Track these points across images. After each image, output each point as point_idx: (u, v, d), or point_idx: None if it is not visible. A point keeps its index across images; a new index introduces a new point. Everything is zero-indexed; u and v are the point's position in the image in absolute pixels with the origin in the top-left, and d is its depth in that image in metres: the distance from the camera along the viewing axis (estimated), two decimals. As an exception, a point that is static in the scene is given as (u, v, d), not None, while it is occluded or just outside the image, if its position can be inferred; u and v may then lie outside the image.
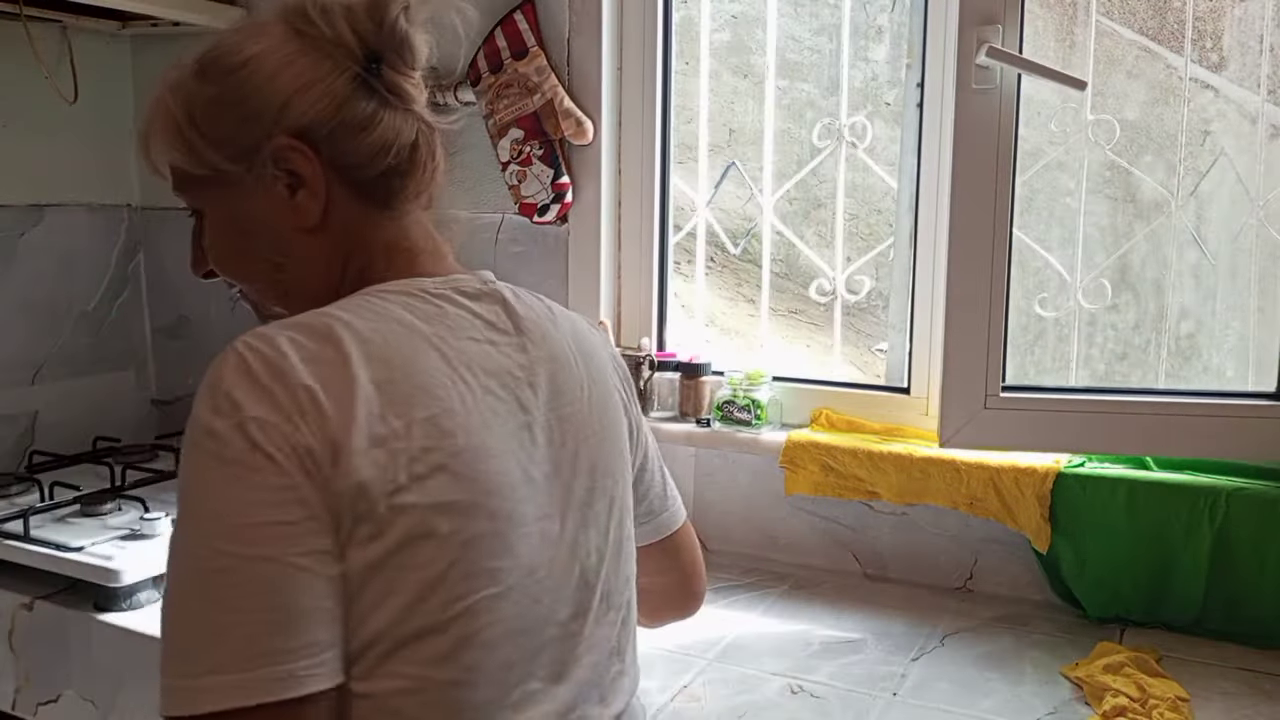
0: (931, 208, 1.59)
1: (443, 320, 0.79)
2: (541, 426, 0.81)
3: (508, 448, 0.77)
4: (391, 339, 0.74)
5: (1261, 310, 1.52)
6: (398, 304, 0.78)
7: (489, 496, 0.74)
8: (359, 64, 0.80)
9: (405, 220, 0.85)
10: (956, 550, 1.55)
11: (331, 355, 0.71)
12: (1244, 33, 1.51)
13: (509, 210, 1.79)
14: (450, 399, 0.74)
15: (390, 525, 0.69)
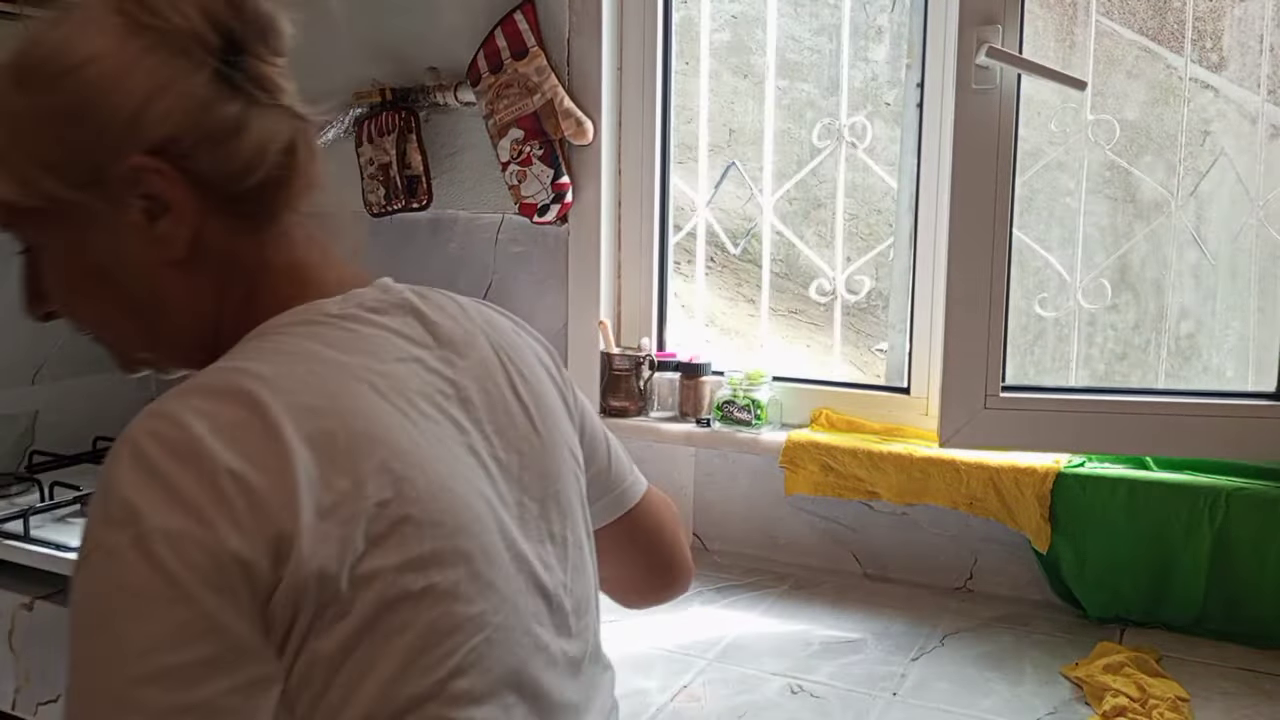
0: (931, 208, 1.59)
1: (360, 346, 0.68)
2: (483, 444, 0.72)
3: (461, 476, 0.68)
4: (313, 383, 0.64)
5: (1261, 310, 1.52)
6: (305, 338, 0.67)
7: (458, 537, 0.65)
8: (217, 57, 0.67)
9: (289, 234, 0.73)
10: (956, 550, 1.55)
11: (251, 420, 0.60)
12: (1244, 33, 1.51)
13: (509, 210, 1.79)
14: (395, 438, 0.64)
15: (358, 599, 0.60)
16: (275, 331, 0.68)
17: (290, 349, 0.66)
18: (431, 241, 1.87)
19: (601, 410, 1.76)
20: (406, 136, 1.79)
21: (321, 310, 0.70)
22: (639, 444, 1.74)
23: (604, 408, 1.76)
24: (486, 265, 1.83)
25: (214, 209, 0.69)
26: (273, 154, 0.69)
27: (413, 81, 1.80)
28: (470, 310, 0.80)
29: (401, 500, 0.62)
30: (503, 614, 0.67)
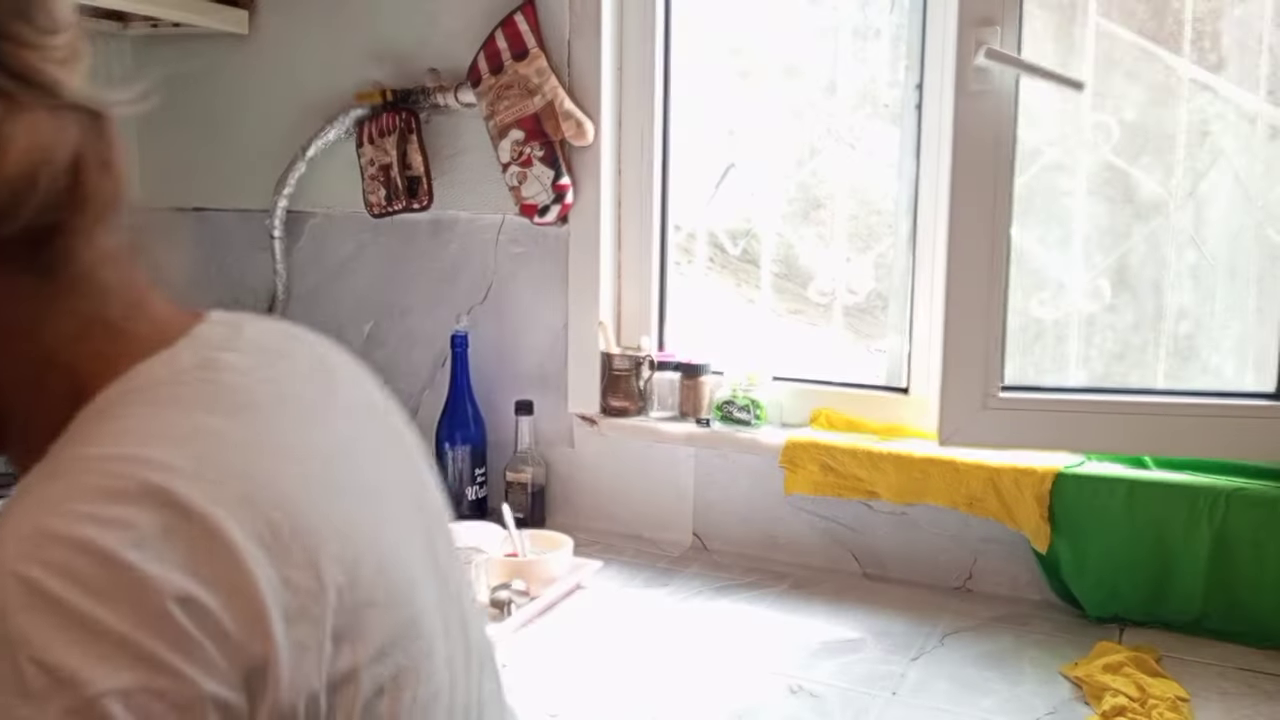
0: (931, 208, 1.59)
1: (236, 400, 0.54)
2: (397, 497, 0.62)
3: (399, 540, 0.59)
4: (224, 463, 0.50)
5: (1260, 310, 1.53)
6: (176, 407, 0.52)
7: (406, 607, 0.56)
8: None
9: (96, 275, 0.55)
10: (956, 550, 1.55)
11: (178, 524, 0.46)
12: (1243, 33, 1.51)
13: (509, 211, 1.79)
14: (331, 511, 0.53)
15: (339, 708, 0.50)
16: (131, 402, 0.52)
17: (169, 424, 0.51)
18: (432, 242, 1.87)
19: (601, 410, 1.77)
20: (407, 137, 1.79)
21: (175, 366, 0.54)
22: (639, 444, 1.74)
23: (604, 408, 1.76)
24: (487, 266, 1.83)
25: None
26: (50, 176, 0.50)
27: (413, 83, 1.81)
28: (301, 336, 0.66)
29: (357, 585, 0.52)
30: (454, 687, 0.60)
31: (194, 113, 2.04)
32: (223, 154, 2.03)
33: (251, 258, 2.01)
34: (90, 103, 0.54)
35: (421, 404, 1.87)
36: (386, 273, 1.91)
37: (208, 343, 0.57)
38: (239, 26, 1.93)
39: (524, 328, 1.82)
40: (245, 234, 2.01)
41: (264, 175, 1.94)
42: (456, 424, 1.77)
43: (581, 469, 1.80)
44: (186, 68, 2.03)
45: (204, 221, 2.06)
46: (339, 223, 1.94)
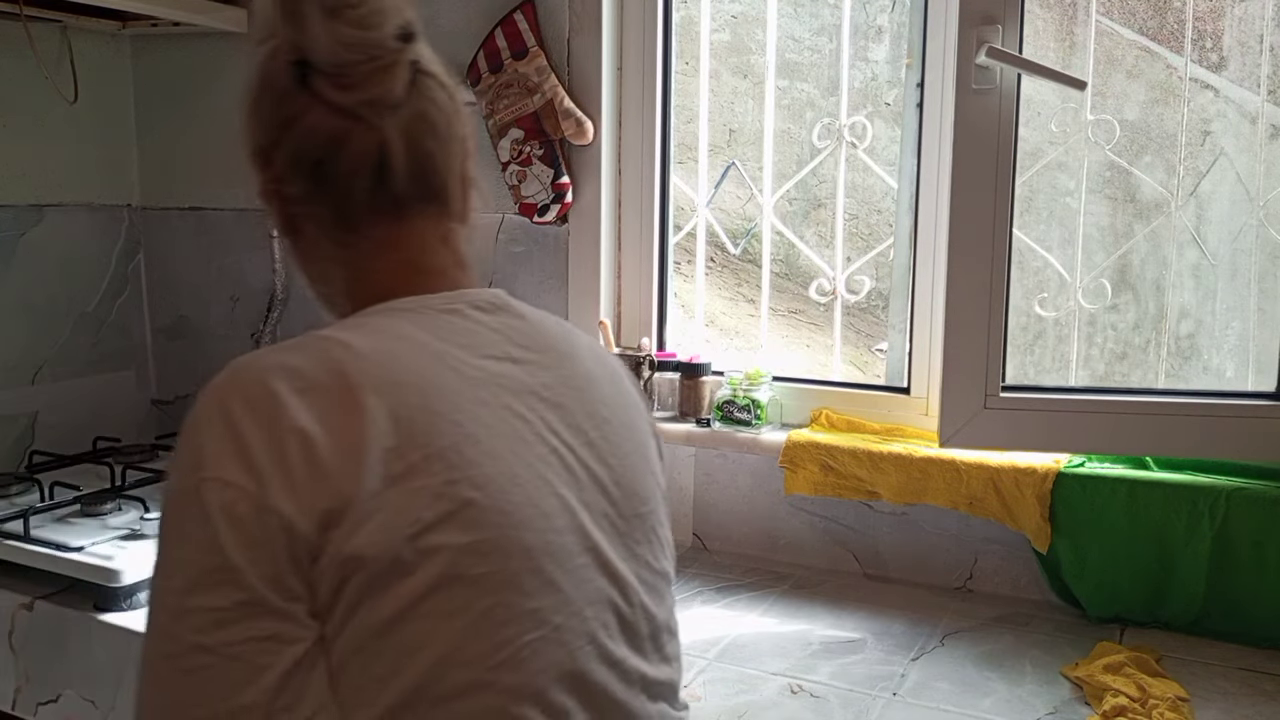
0: (931, 208, 1.59)
1: (456, 337, 0.72)
2: (573, 450, 0.73)
3: (539, 474, 0.69)
4: (402, 359, 0.67)
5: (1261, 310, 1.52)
6: (405, 320, 0.71)
7: (523, 530, 0.66)
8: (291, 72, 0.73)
9: (421, 232, 0.77)
10: (956, 550, 1.55)
11: (332, 384, 0.63)
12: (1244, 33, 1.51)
13: (509, 210, 1.79)
14: (471, 423, 0.66)
15: (415, 571, 0.61)
16: (384, 312, 0.72)
17: (388, 328, 0.70)
18: (431, 241, 1.86)
19: (601, 410, 1.76)
20: (406, 136, 1.79)
21: (428, 301, 0.74)
22: (639, 444, 1.74)
23: (604, 408, 1.76)
24: (486, 265, 1.83)
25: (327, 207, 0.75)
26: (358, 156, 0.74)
27: (413, 81, 1.80)
28: (576, 333, 0.83)
29: (468, 483, 0.64)
30: (564, 615, 0.67)
31: (193, 112, 2.04)
32: (222, 153, 2.03)
33: (250, 257, 2.01)
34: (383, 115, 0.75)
35: (421, 404, 1.87)
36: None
37: (467, 299, 0.75)
38: (238, 25, 1.92)
39: (524, 327, 1.81)
40: (244, 233, 2.01)
41: (263, 174, 1.94)
42: (456, 424, 1.77)
43: (581, 469, 1.80)
44: (185, 66, 2.03)
45: (203, 221, 2.06)
46: (338, 222, 1.94)
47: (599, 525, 0.72)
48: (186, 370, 2.11)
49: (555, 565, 0.67)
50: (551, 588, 0.67)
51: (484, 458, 0.66)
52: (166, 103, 2.06)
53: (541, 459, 0.70)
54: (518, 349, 0.74)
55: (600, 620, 0.70)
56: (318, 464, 0.60)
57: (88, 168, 2.00)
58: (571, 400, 0.75)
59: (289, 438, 0.60)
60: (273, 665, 0.59)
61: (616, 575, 0.73)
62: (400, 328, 0.70)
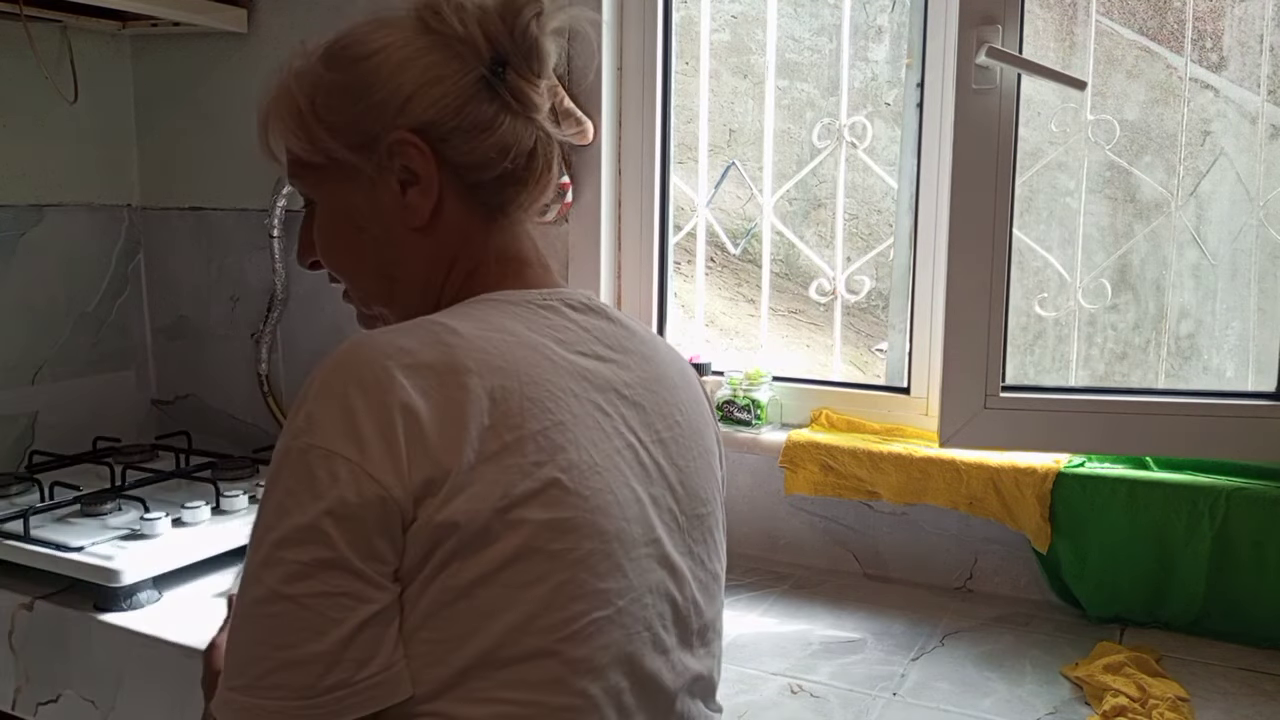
0: (931, 208, 1.59)
1: (551, 331, 0.77)
2: (646, 447, 0.78)
3: (615, 465, 0.74)
4: (504, 347, 0.72)
5: (1261, 310, 1.52)
6: (507, 313, 0.76)
7: (599, 514, 0.71)
8: (486, 66, 0.78)
9: (515, 229, 0.83)
10: (956, 550, 1.55)
11: (442, 364, 0.68)
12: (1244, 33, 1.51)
13: (509, 210, 1.78)
14: (561, 411, 0.72)
15: (499, 540, 0.66)
16: (482, 303, 0.78)
17: (489, 318, 0.75)
18: (431, 241, 1.87)
19: (601, 410, 1.76)
20: (406, 136, 1.79)
21: (526, 297, 0.79)
22: (639, 444, 1.74)
23: (604, 408, 1.76)
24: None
25: (457, 191, 0.80)
26: (515, 156, 0.79)
27: (413, 81, 1.80)
28: (654, 335, 0.88)
29: (555, 465, 0.69)
30: (627, 599, 0.72)
31: (193, 112, 2.04)
32: (222, 153, 2.03)
33: (251, 257, 2.01)
34: (547, 126, 0.82)
35: (421, 404, 1.86)
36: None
37: (560, 295, 0.81)
38: (238, 25, 1.92)
39: (524, 327, 1.82)
40: (244, 233, 2.01)
41: (263, 174, 1.94)
42: (456, 424, 1.77)
43: (581, 469, 1.80)
44: (185, 66, 2.03)
45: (203, 221, 2.06)
46: (338, 222, 1.94)
47: (663, 519, 0.77)
48: (186, 370, 2.11)
49: (623, 551, 0.72)
50: (619, 572, 0.71)
51: (570, 444, 0.71)
52: (166, 103, 2.06)
53: (618, 451, 0.75)
54: (604, 348, 0.79)
55: (657, 610, 0.75)
56: (421, 437, 0.65)
57: (88, 168, 2.00)
58: (649, 401, 0.80)
59: (396, 412, 0.65)
60: (344, 620, 0.64)
61: (675, 568, 0.77)
62: (502, 320, 0.75)
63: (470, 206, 0.81)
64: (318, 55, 0.82)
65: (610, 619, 0.70)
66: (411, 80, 0.78)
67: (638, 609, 0.73)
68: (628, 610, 0.72)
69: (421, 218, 0.80)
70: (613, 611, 0.71)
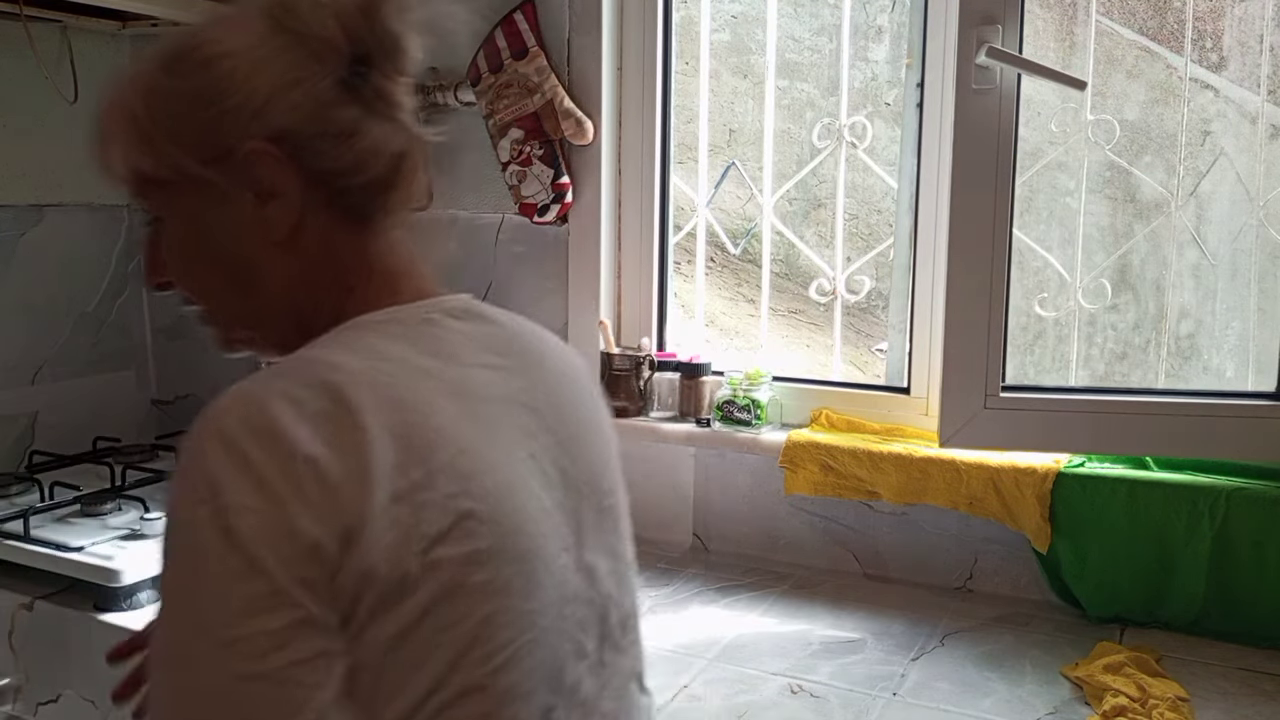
0: (931, 208, 1.59)
1: (440, 349, 0.73)
2: (547, 452, 0.75)
3: (523, 480, 0.71)
4: (396, 378, 0.68)
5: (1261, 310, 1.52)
6: (389, 335, 0.72)
7: (515, 537, 0.68)
8: (346, 66, 0.72)
9: (387, 238, 0.77)
10: (956, 550, 1.55)
11: (333, 408, 0.63)
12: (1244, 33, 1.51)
13: (509, 210, 1.79)
14: (465, 436, 0.68)
15: (421, 585, 0.62)
16: (365, 328, 0.72)
17: (374, 345, 0.70)
18: (432, 241, 1.87)
19: (601, 410, 1.76)
20: (406, 136, 1.78)
21: (409, 313, 0.74)
22: (639, 444, 1.74)
23: (604, 408, 1.76)
24: (487, 265, 1.83)
25: (320, 201, 0.74)
26: (381, 160, 0.74)
27: (413, 81, 1.80)
28: (542, 332, 0.85)
29: (468, 495, 0.65)
30: (549, 617, 0.69)
31: (193, 112, 2.03)
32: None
33: (251, 257, 2.01)
34: (415, 126, 0.77)
35: (421, 404, 1.86)
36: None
37: (443, 307, 0.76)
38: (238, 25, 1.92)
39: (524, 327, 1.81)
40: (244, 233, 2.01)
41: (263, 174, 1.94)
42: (456, 424, 1.77)
43: (581, 469, 1.80)
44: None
45: (203, 221, 2.06)
46: (338, 222, 1.94)
47: (572, 523, 0.75)
48: (186, 370, 2.11)
49: (543, 567, 0.69)
50: (540, 590, 0.69)
51: (478, 469, 0.67)
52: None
53: (523, 463, 0.72)
54: (494, 355, 0.76)
55: (577, 617, 0.73)
56: (329, 486, 0.61)
57: (88, 168, 1.99)
58: (544, 402, 0.76)
59: (298, 464, 0.61)
60: (323, 684, 0.60)
61: (591, 570, 0.75)
62: (386, 345, 0.70)
63: (336, 217, 0.74)
64: (158, 62, 0.74)
65: (535, 640, 0.68)
66: (266, 84, 0.71)
67: (560, 622, 0.71)
68: (551, 627, 0.69)
69: (283, 232, 0.73)
70: (537, 632, 0.68)
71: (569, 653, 0.72)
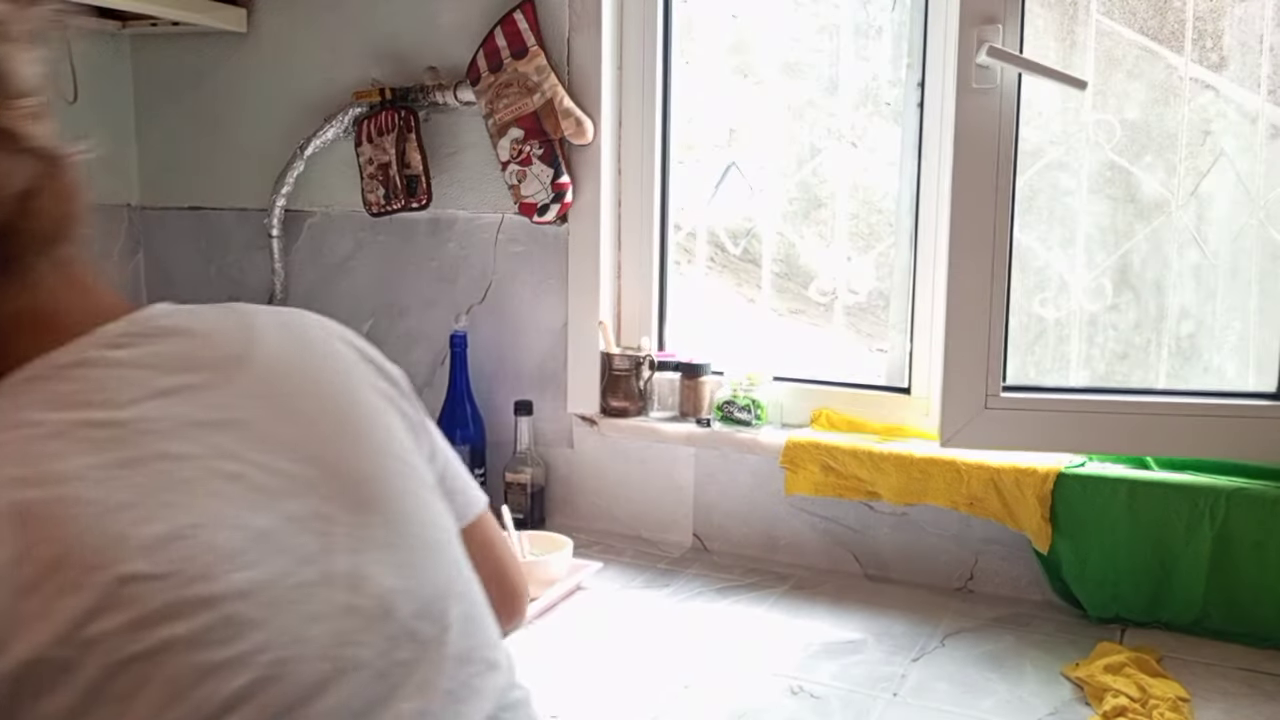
0: (931, 208, 1.59)
1: (90, 397, 0.64)
2: (260, 466, 0.66)
3: (212, 515, 0.63)
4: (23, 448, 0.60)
5: (1262, 310, 1.52)
6: (26, 399, 0.63)
7: (197, 585, 0.60)
8: None
9: (37, 282, 0.67)
10: (957, 550, 1.55)
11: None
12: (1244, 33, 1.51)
13: (509, 210, 1.78)
14: (114, 494, 0.60)
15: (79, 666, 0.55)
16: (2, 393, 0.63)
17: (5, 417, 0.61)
18: (431, 241, 1.87)
19: (601, 410, 1.76)
20: (406, 136, 1.79)
21: (50, 363, 0.65)
22: (639, 444, 1.74)
23: (604, 408, 1.76)
24: (486, 265, 1.83)
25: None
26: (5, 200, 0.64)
27: (412, 81, 1.80)
28: (246, 316, 0.74)
29: (120, 560, 0.58)
30: (277, 650, 0.61)
31: (193, 112, 2.03)
32: (221, 153, 2.03)
33: (250, 257, 2.01)
34: (49, 150, 0.67)
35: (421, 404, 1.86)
36: (385, 272, 1.91)
37: (100, 340, 0.66)
38: (237, 25, 1.92)
39: (523, 328, 1.82)
40: (244, 233, 2.01)
41: (262, 174, 1.94)
42: (455, 424, 1.77)
43: (581, 470, 1.80)
44: (185, 66, 2.02)
45: (202, 220, 2.06)
46: (337, 222, 1.94)
47: (314, 529, 0.66)
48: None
49: (254, 603, 0.61)
50: (253, 630, 0.61)
51: (134, 525, 0.59)
52: (166, 103, 2.06)
53: (216, 494, 0.64)
54: (172, 377, 0.67)
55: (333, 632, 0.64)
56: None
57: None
58: (253, 410, 0.68)
59: None
60: None
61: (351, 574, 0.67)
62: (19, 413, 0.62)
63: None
64: None
65: (262, 680, 0.60)
66: None
67: (301, 647, 0.62)
68: (290, 659, 0.62)
69: None
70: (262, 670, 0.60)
71: (327, 672, 0.63)
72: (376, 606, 0.67)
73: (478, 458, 1.78)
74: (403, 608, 0.69)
